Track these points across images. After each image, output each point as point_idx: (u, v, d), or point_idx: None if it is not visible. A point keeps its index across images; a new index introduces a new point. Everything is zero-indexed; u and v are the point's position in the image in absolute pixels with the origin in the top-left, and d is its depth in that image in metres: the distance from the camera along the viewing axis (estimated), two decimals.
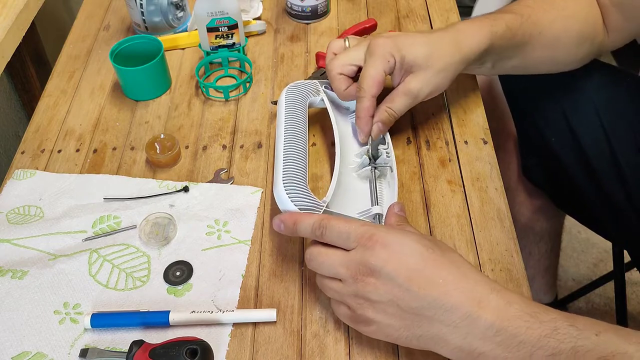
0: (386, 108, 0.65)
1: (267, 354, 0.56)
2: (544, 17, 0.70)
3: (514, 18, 0.69)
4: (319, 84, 0.72)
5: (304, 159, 0.62)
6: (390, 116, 0.66)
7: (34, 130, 0.78)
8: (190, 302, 0.59)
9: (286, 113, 0.67)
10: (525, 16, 0.69)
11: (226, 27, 0.81)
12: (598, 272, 1.45)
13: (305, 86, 0.71)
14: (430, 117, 0.76)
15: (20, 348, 0.56)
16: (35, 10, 0.93)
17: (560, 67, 0.76)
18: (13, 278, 0.61)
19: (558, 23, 0.71)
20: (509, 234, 0.63)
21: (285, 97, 0.69)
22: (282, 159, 0.61)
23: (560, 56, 0.74)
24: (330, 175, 0.69)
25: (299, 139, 0.64)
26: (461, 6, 0.98)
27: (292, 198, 0.57)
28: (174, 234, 0.65)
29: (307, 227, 0.54)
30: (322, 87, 0.72)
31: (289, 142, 0.63)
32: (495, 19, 0.68)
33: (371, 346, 0.56)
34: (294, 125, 0.65)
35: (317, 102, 0.71)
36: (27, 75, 1.03)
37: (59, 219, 0.66)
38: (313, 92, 0.71)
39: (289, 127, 0.65)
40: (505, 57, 0.71)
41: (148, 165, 0.73)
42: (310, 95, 0.70)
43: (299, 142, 0.64)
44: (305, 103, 0.69)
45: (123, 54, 0.81)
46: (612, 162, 0.80)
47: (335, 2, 0.95)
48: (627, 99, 0.81)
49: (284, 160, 0.61)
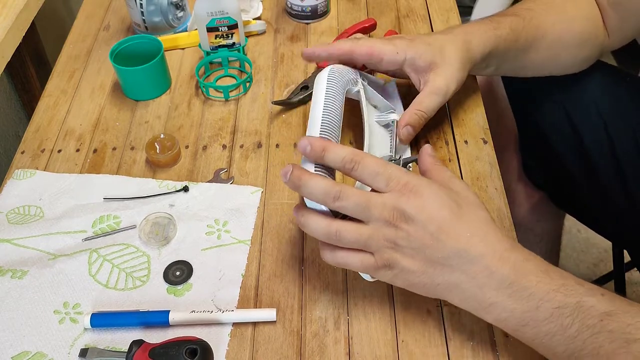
0: (415, 111, 0.64)
1: (267, 353, 0.56)
2: (546, 19, 0.71)
3: (517, 21, 0.69)
4: (358, 75, 0.68)
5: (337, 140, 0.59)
6: (421, 118, 0.65)
7: (34, 130, 0.78)
8: (190, 302, 0.59)
9: (327, 92, 0.62)
10: (528, 19, 0.70)
11: (226, 27, 0.81)
12: (598, 272, 1.45)
13: (347, 73, 0.66)
14: None
15: (20, 348, 0.56)
16: (35, 10, 0.93)
17: (562, 69, 0.77)
18: (13, 278, 0.61)
19: (560, 25, 0.71)
20: (509, 233, 0.63)
21: (328, 76, 0.64)
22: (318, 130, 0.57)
23: (563, 57, 0.74)
24: None
25: (336, 119, 0.60)
26: (461, 6, 0.98)
27: None
28: (173, 234, 0.65)
29: (337, 157, 0.52)
30: (361, 79, 0.68)
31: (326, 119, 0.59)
32: (499, 22, 0.69)
33: (371, 346, 0.56)
34: (332, 105, 0.61)
35: (353, 92, 0.67)
36: (27, 75, 1.03)
37: (59, 219, 0.66)
38: (352, 81, 0.66)
39: (328, 104, 0.60)
40: (509, 60, 0.71)
41: (148, 165, 0.73)
42: (350, 83, 0.66)
43: (336, 124, 0.59)
44: (344, 89, 0.65)
45: (123, 54, 0.81)
46: (613, 162, 0.80)
47: (335, 2, 0.95)
48: (628, 100, 0.81)
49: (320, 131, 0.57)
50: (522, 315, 0.48)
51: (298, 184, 0.52)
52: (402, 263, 0.51)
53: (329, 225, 0.52)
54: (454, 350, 0.55)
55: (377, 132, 0.68)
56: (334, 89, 0.62)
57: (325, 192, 0.51)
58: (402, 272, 0.51)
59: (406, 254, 0.51)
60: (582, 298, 0.47)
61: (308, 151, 0.53)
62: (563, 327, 0.47)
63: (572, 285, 0.48)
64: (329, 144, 0.53)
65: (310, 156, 0.53)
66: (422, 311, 0.58)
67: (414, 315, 0.58)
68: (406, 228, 0.50)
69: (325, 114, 0.59)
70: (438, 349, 0.55)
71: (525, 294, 0.48)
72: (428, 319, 0.57)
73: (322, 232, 0.52)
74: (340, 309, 0.58)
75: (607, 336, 0.46)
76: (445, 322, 0.57)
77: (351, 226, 0.51)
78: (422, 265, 0.50)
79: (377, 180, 0.51)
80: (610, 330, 0.46)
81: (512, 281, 0.48)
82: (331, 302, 0.59)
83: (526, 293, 0.48)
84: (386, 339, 0.56)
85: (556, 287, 0.48)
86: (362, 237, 0.51)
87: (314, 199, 0.52)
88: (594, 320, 0.46)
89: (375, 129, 0.68)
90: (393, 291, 0.59)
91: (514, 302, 0.48)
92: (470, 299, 0.50)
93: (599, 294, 0.48)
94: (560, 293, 0.48)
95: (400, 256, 0.51)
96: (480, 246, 0.50)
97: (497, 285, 0.49)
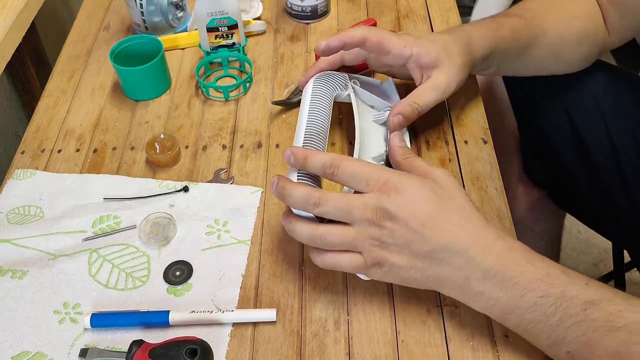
0: (411, 102, 0.64)
1: (267, 354, 0.56)
2: (547, 18, 0.71)
3: (518, 21, 0.70)
4: (348, 78, 0.70)
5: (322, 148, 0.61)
6: (414, 111, 0.65)
7: (34, 130, 0.78)
8: (190, 302, 0.59)
9: (311, 102, 0.65)
10: (529, 19, 0.70)
11: (226, 27, 0.81)
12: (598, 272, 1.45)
13: (334, 78, 0.69)
14: (430, 117, 0.76)
15: (20, 348, 0.56)
16: (35, 10, 0.93)
17: (563, 68, 0.77)
18: (13, 278, 0.61)
19: (561, 24, 0.72)
20: (509, 233, 0.63)
21: (313, 87, 0.67)
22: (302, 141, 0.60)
23: (563, 56, 0.75)
24: None
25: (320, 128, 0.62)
26: (461, 6, 0.98)
27: None
28: (173, 234, 0.65)
29: (317, 163, 0.53)
30: (351, 82, 0.69)
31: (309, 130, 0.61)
32: (500, 23, 0.69)
33: (371, 346, 0.56)
34: (317, 115, 0.63)
35: (344, 96, 0.68)
36: (27, 75, 1.03)
37: (59, 219, 0.66)
38: (341, 85, 0.68)
39: (312, 115, 0.63)
40: (510, 60, 0.71)
41: (148, 165, 0.73)
42: (337, 88, 0.68)
43: (320, 132, 0.62)
44: (332, 95, 0.67)
45: (123, 54, 0.81)
46: (613, 162, 0.80)
47: (335, 2, 0.95)
48: (628, 99, 0.81)
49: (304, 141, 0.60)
50: (507, 303, 0.50)
51: (282, 194, 0.54)
52: (391, 260, 0.51)
53: (314, 230, 0.53)
54: (454, 351, 0.55)
55: (374, 132, 0.68)
56: (318, 98, 0.65)
57: (305, 199, 0.52)
58: (392, 268, 0.52)
59: (393, 251, 0.51)
60: (566, 287, 0.48)
61: (292, 161, 0.55)
62: (546, 315, 0.48)
63: (557, 275, 0.49)
64: (309, 152, 0.54)
65: (294, 165, 0.55)
66: (422, 311, 0.58)
67: (414, 315, 0.58)
68: (389, 226, 0.51)
69: (309, 123, 0.62)
70: (438, 349, 0.55)
71: (509, 283, 0.49)
72: (428, 319, 0.57)
73: (307, 237, 0.54)
74: (340, 309, 0.58)
75: (590, 324, 0.47)
76: (445, 322, 0.57)
77: (336, 229, 0.52)
78: (410, 260, 0.51)
79: (357, 182, 0.52)
80: (593, 319, 0.47)
81: (496, 271, 0.50)
82: (331, 302, 0.59)
83: (510, 282, 0.49)
84: (386, 339, 0.56)
85: (540, 276, 0.49)
86: (347, 239, 0.52)
87: (296, 207, 0.54)
88: (576, 309, 0.48)
89: (373, 128, 0.68)
90: (393, 291, 0.59)
91: (498, 291, 0.50)
92: (458, 289, 0.52)
93: (584, 283, 0.49)
94: (544, 282, 0.49)
95: (388, 253, 0.51)
96: (464, 238, 0.50)
97: (482, 276, 0.50)
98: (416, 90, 0.65)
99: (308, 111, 0.63)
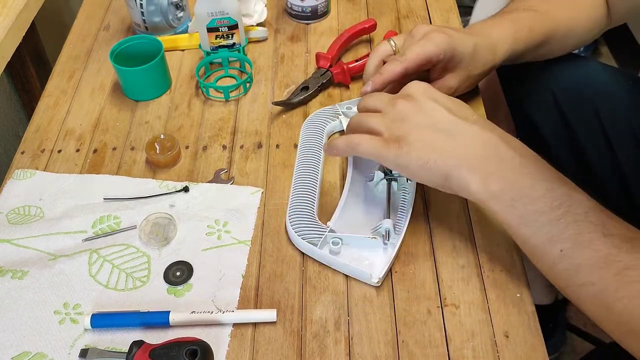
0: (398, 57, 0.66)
1: (267, 354, 0.56)
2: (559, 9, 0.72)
3: (534, 17, 0.70)
4: (338, 108, 0.75)
5: (313, 189, 0.66)
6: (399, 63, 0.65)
7: (34, 130, 0.78)
8: (190, 303, 0.59)
9: (301, 146, 0.72)
10: (543, 12, 0.71)
11: (226, 27, 0.81)
12: None
13: (324, 114, 0.75)
14: None
15: (20, 348, 0.56)
16: (35, 10, 0.93)
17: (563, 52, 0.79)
18: (13, 278, 0.61)
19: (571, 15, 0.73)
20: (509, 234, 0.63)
21: (303, 132, 0.73)
22: (291, 192, 0.67)
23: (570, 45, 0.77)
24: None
25: (309, 172, 0.68)
26: (461, 6, 0.98)
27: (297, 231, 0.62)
28: (174, 234, 0.65)
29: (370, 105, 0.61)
30: (342, 110, 0.75)
31: (298, 177, 0.68)
32: (518, 23, 0.70)
33: (371, 346, 0.56)
34: (307, 158, 0.70)
35: (337, 125, 0.74)
36: (27, 75, 1.03)
37: (59, 219, 0.66)
38: (331, 117, 0.74)
39: (301, 160, 0.70)
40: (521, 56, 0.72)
41: (148, 166, 0.73)
42: (328, 122, 0.74)
43: (309, 176, 0.68)
44: (323, 132, 0.73)
45: (123, 54, 0.81)
46: (612, 162, 0.80)
47: (335, 2, 0.95)
48: (627, 100, 0.81)
49: (291, 194, 0.66)
50: (519, 190, 0.52)
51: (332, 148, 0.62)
52: (412, 136, 0.55)
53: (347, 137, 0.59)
54: (454, 351, 0.55)
55: None
56: (308, 139, 0.72)
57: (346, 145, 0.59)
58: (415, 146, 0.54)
59: (415, 127, 0.55)
60: (573, 191, 0.52)
61: None
62: (552, 207, 0.50)
63: (566, 180, 0.53)
64: None
65: None
66: (422, 311, 0.58)
67: (414, 316, 0.58)
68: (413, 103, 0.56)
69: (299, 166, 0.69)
70: (438, 349, 0.55)
71: (524, 170, 0.52)
72: (428, 319, 0.57)
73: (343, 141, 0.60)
74: (340, 309, 0.58)
75: (588, 226, 0.49)
76: (445, 322, 0.57)
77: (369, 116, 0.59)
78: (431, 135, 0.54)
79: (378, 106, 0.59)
80: (591, 221, 0.50)
81: (513, 155, 0.53)
82: (331, 303, 0.59)
83: (525, 170, 0.52)
84: (386, 339, 0.56)
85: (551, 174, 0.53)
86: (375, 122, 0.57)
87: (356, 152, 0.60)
88: (579, 209, 0.50)
89: None
90: (393, 291, 0.59)
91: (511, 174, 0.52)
92: (474, 170, 0.53)
93: (587, 196, 0.52)
94: (554, 178, 0.52)
95: (410, 128, 0.55)
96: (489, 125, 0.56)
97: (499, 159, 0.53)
98: None
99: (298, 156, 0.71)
